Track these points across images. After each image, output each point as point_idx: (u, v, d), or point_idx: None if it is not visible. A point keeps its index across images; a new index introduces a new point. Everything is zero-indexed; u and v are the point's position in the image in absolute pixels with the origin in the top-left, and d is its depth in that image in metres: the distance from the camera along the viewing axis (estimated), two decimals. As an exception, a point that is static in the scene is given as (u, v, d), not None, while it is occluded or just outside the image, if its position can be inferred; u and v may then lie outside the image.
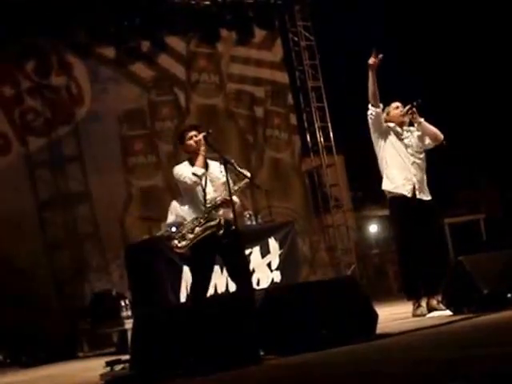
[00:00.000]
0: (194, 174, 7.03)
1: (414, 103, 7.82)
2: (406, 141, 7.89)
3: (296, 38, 14.48)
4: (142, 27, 12.77)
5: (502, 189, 15.34)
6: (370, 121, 7.88)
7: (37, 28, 11.73)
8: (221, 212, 7.10)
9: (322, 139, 14.32)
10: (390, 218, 8.19)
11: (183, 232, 7.04)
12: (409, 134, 7.94)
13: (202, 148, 7.08)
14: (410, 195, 7.77)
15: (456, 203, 14.29)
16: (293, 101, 14.53)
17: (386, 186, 7.92)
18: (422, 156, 7.96)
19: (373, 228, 15.89)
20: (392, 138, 7.89)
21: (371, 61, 7.65)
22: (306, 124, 14.47)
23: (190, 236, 6.99)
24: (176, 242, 7.05)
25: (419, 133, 7.94)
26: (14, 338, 10.37)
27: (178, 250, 7.12)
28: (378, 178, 8.12)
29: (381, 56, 7.63)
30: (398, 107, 7.99)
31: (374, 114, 7.80)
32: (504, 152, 14.71)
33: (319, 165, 14.39)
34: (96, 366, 7.67)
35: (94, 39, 12.44)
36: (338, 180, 14.36)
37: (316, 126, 14.33)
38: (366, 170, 9.33)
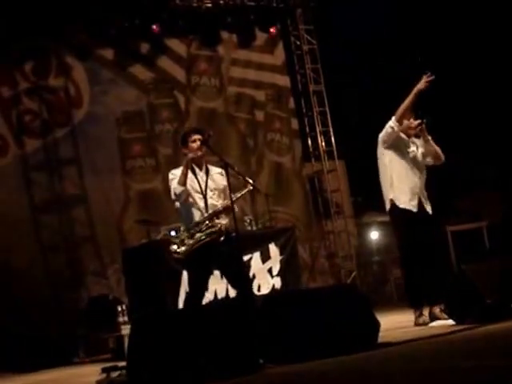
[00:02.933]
0: (177, 188, 6.96)
1: (425, 120, 7.80)
2: (411, 154, 7.90)
3: (298, 42, 14.41)
4: (142, 29, 12.66)
5: (503, 196, 15.23)
6: (386, 131, 7.87)
7: (36, 29, 11.62)
8: (221, 219, 6.99)
9: (323, 144, 14.23)
10: (395, 230, 8.10)
11: (183, 237, 6.94)
12: (414, 147, 7.93)
13: (185, 165, 6.96)
14: (416, 210, 7.78)
15: (458, 211, 14.18)
16: (294, 105, 14.44)
17: (393, 198, 7.87)
18: (424, 171, 8.01)
19: (374, 235, 15.75)
20: (400, 150, 7.89)
21: (423, 85, 7.69)
22: (307, 128, 14.37)
23: (190, 242, 6.91)
24: (175, 247, 6.97)
25: (423, 149, 7.95)
26: (8, 342, 10.26)
27: (176, 256, 7.02)
28: (379, 183, 8.08)
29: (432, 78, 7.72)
30: (408, 119, 7.93)
31: (395, 128, 7.80)
32: (505, 157, 14.61)
33: (320, 170, 14.29)
34: (91, 372, 7.62)
35: (94, 40, 12.35)
36: (339, 185, 14.25)
37: (317, 130, 14.25)
38: (368, 176, 9.24)
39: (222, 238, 6.96)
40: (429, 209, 7.88)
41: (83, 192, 11.92)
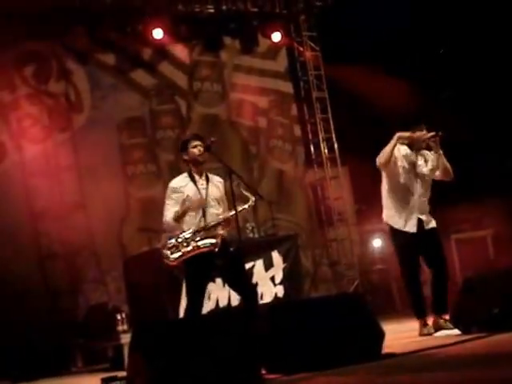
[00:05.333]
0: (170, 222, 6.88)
1: (439, 133, 7.62)
2: (418, 169, 7.76)
3: (301, 48, 14.35)
4: (143, 34, 12.60)
5: (508, 204, 15.15)
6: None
7: (37, 32, 11.58)
8: (220, 231, 6.89)
9: (325, 151, 14.15)
10: (394, 247, 7.99)
11: (177, 244, 6.83)
12: (422, 161, 7.79)
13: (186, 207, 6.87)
14: (413, 230, 7.71)
15: (462, 219, 14.11)
16: (297, 111, 14.36)
17: (391, 221, 7.82)
18: (429, 186, 7.87)
19: (377, 242, 15.65)
20: (403, 168, 7.73)
21: (429, 138, 7.61)
22: (310, 135, 14.28)
23: (184, 249, 6.80)
24: (168, 252, 6.88)
25: (433, 163, 7.80)
26: (5, 351, 10.15)
27: (167, 261, 6.92)
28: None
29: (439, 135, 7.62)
30: (421, 130, 7.80)
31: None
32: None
33: (323, 177, 14.20)
34: (90, 381, 7.52)
35: (95, 45, 12.30)
36: (342, 192, 14.16)
37: (320, 137, 14.17)
38: (371, 182, 9.14)
39: (217, 250, 6.83)
40: (431, 224, 7.80)
41: (83, 198, 11.82)
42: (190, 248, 6.81)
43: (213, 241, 6.82)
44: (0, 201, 11.08)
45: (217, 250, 6.82)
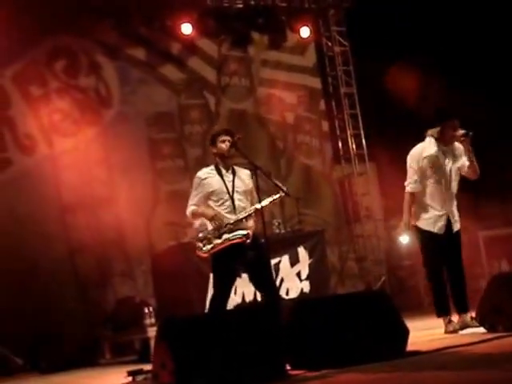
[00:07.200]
0: (193, 214, 6.99)
1: (471, 133, 7.56)
2: (446, 168, 7.70)
3: (330, 43, 14.32)
4: (173, 29, 12.65)
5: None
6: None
7: (66, 27, 11.67)
8: (250, 223, 6.95)
9: (354, 147, 14.11)
10: (420, 246, 7.96)
11: (209, 236, 6.91)
12: (450, 158, 7.72)
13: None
14: (441, 231, 7.69)
15: (490, 216, 13.98)
16: (325, 107, 14.33)
17: (418, 221, 7.78)
18: (456, 185, 7.82)
19: (404, 238, 15.55)
20: (434, 168, 7.68)
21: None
22: (337, 131, 14.26)
23: (217, 241, 6.88)
24: (200, 244, 6.97)
25: (461, 160, 7.75)
26: (34, 343, 10.26)
27: (200, 254, 7.00)
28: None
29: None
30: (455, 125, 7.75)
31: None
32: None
33: (351, 173, 14.18)
34: (117, 374, 7.57)
35: (124, 40, 12.36)
36: (370, 188, 14.13)
37: (348, 133, 14.14)
38: (399, 179, 9.12)
39: (249, 241, 6.89)
40: (456, 226, 7.78)
41: (112, 192, 11.85)
42: (221, 240, 6.90)
43: (244, 232, 6.89)
44: (31, 194, 11.12)
45: (249, 241, 6.90)
